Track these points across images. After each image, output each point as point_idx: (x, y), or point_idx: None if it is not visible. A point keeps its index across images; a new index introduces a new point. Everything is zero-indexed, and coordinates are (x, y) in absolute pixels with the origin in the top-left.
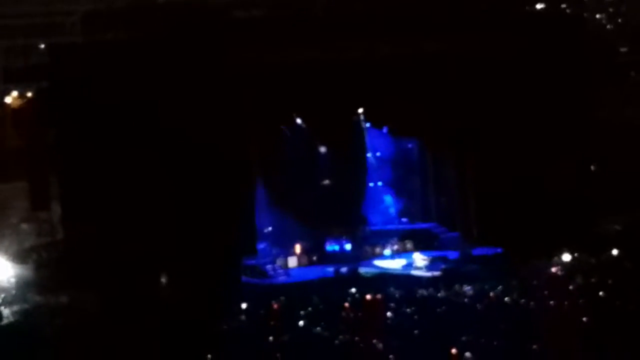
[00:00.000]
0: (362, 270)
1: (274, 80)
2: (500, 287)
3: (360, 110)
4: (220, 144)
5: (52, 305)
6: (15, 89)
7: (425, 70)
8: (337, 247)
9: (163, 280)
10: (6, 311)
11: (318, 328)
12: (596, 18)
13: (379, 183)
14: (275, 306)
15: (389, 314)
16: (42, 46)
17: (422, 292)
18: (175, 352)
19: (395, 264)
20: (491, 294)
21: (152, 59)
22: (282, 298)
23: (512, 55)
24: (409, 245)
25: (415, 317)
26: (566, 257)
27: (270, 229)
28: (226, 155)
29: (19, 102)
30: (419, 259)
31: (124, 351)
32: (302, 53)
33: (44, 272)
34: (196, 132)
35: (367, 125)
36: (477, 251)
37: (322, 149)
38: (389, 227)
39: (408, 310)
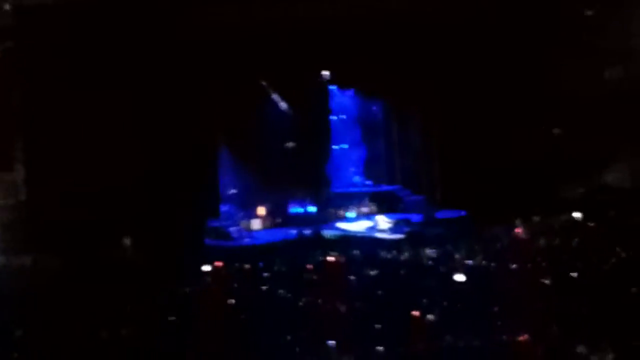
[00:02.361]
0: (326, 232)
1: (236, 41)
2: (464, 249)
3: (325, 72)
4: (182, 105)
5: (15, 266)
6: None
7: (391, 31)
8: (300, 210)
9: (126, 242)
10: None
11: (281, 290)
12: None
13: (344, 145)
14: (239, 268)
15: (351, 276)
16: (9, 7)
17: (386, 254)
18: (138, 314)
19: (358, 227)
20: (454, 256)
21: (118, 20)
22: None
23: (477, 18)
24: (372, 207)
25: (378, 279)
26: (529, 220)
27: (233, 191)
28: (188, 117)
29: None
30: (383, 222)
31: (87, 314)
32: (264, 12)
33: (7, 234)
34: (158, 94)
35: (332, 87)
36: (441, 214)
37: (286, 111)
38: (353, 189)
39: (371, 272)
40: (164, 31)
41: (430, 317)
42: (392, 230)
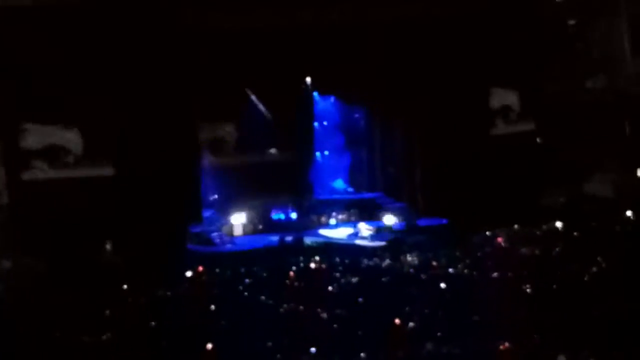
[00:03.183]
0: (307, 239)
1: (222, 47)
2: (445, 257)
3: (308, 79)
4: (166, 110)
5: None
6: None
7: (373, 38)
8: (282, 216)
9: (108, 246)
10: None
11: (262, 296)
12: None
13: (326, 152)
14: (220, 273)
15: (333, 283)
16: None
17: (367, 261)
18: (120, 318)
19: (340, 234)
20: (435, 264)
21: (102, 22)
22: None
23: (459, 25)
24: (354, 215)
25: (360, 286)
26: (511, 229)
27: (216, 196)
28: (172, 122)
29: None
30: (364, 229)
31: (69, 317)
32: (248, 21)
33: None
34: (142, 99)
35: (315, 93)
36: (422, 222)
37: (268, 117)
38: (335, 196)
39: (352, 279)
40: (151, 37)
41: (411, 324)
42: (374, 237)
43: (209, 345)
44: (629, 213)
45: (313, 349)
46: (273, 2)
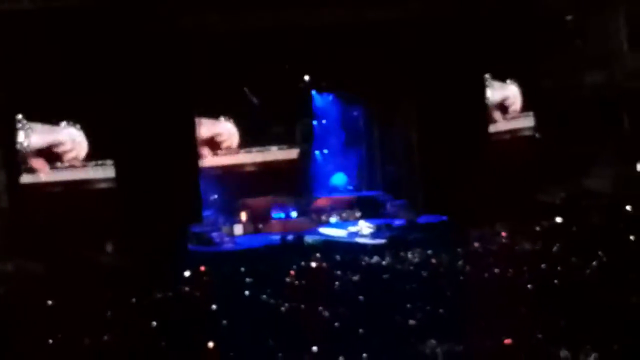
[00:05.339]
0: (308, 238)
1: (220, 47)
2: (445, 254)
3: (307, 77)
4: (165, 111)
5: None
6: None
7: (371, 37)
8: (283, 215)
9: (108, 247)
10: None
11: (264, 295)
12: None
13: (325, 151)
14: (221, 273)
15: (334, 281)
16: None
17: (368, 259)
18: (121, 319)
19: (340, 232)
20: (436, 261)
21: (102, 25)
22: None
23: (456, 22)
24: (354, 213)
25: (361, 284)
26: (511, 225)
27: (216, 196)
28: (171, 122)
29: None
30: (365, 227)
31: (70, 319)
32: (247, 21)
33: None
34: (141, 100)
35: (313, 92)
36: (423, 219)
37: (268, 115)
38: (335, 194)
39: (353, 277)
40: (149, 38)
41: (412, 322)
42: (374, 235)
43: (211, 344)
44: (628, 207)
45: (314, 348)
46: (269, 3)
